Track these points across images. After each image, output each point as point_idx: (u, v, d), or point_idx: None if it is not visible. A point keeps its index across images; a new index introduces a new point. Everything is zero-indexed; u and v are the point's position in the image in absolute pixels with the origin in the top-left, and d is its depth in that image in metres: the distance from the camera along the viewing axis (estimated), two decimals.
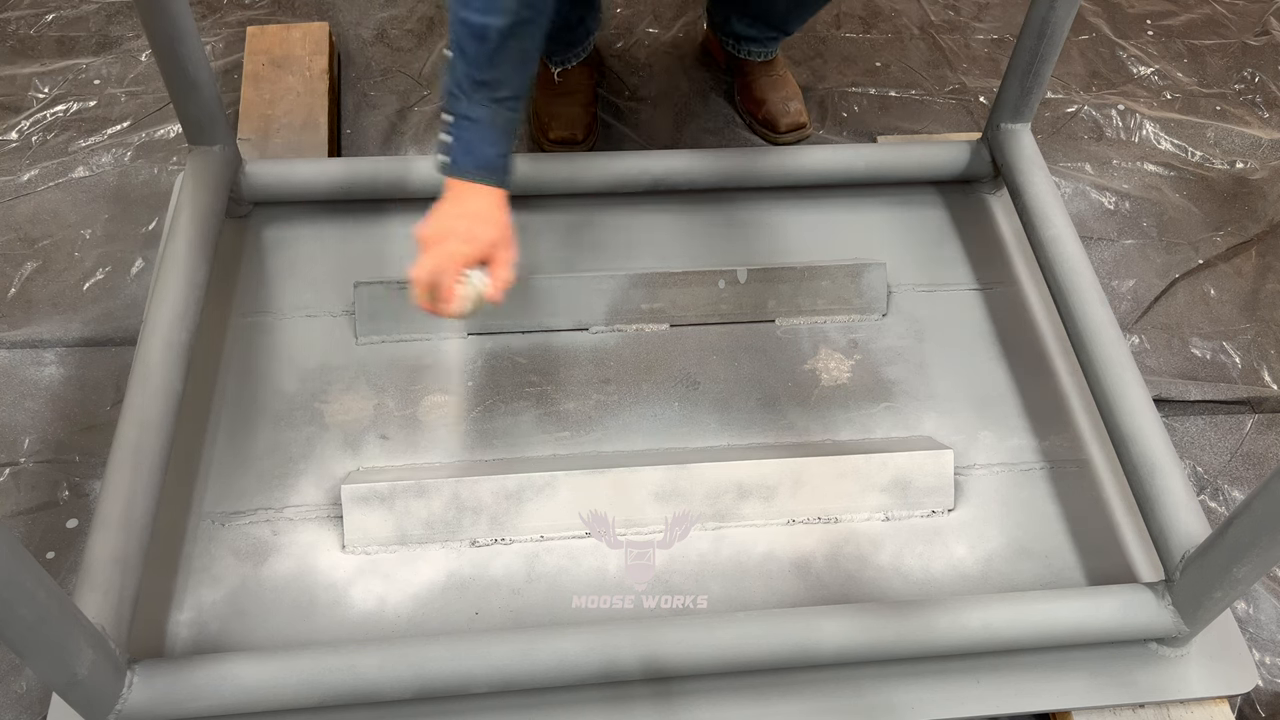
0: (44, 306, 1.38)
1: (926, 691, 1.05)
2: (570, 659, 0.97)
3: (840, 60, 1.79)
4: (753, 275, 1.33)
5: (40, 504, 1.21)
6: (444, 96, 1.03)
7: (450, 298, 1.02)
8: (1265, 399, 1.39)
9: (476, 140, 1.02)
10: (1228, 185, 1.64)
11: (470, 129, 1.02)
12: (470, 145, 1.02)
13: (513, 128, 1.05)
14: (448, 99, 1.02)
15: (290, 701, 0.95)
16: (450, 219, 1.03)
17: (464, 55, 0.99)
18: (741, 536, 1.15)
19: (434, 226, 1.03)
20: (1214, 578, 0.94)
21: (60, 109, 1.61)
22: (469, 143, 1.02)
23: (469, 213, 1.04)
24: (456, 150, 1.03)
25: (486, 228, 1.04)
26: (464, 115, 1.01)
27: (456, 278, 1.02)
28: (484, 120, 1.02)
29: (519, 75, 1.03)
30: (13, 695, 1.07)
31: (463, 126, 1.02)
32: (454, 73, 1.01)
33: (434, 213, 1.04)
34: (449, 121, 1.03)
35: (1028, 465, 1.23)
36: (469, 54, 0.99)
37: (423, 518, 1.12)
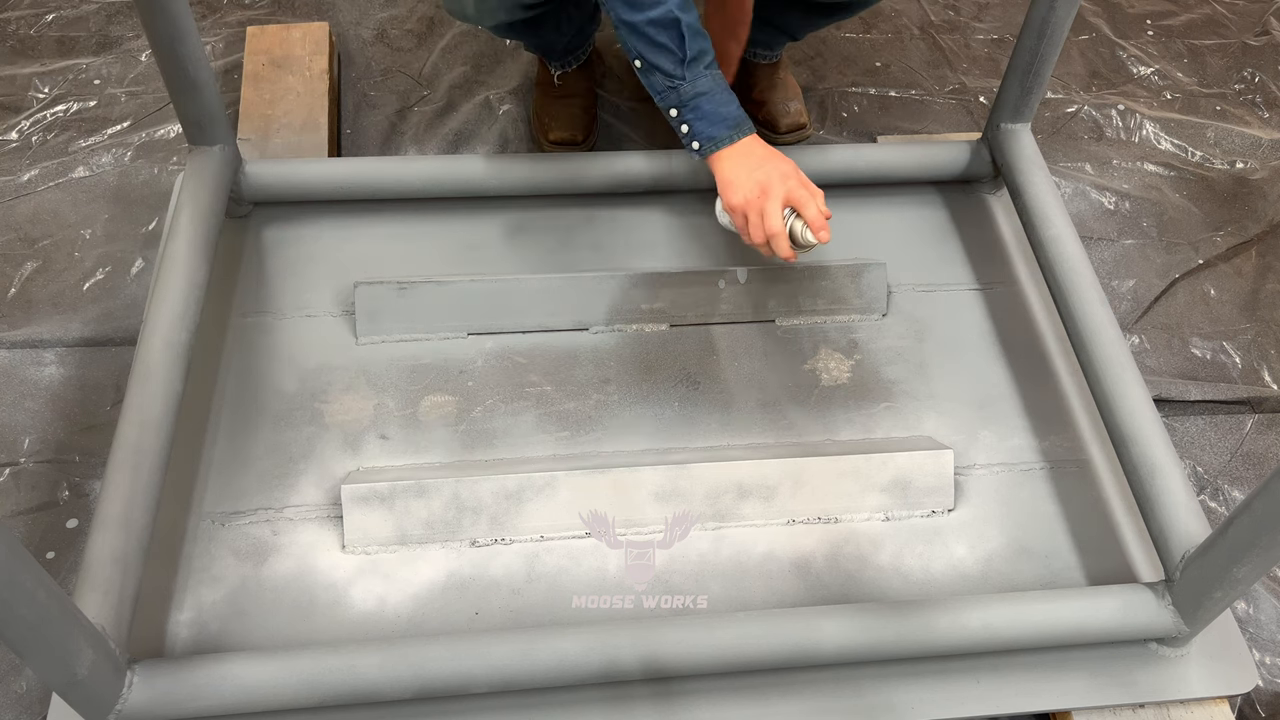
0: (44, 306, 1.38)
1: (926, 691, 1.05)
2: (570, 659, 0.97)
3: (840, 60, 1.79)
4: (753, 275, 1.33)
5: (40, 504, 1.21)
6: (662, 98, 1.12)
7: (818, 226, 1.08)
8: (1265, 399, 1.39)
9: (715, 108, 1.11)
10: (1228, 185, 1.64)
11: (705, 102, 1.10)
12: (714, 116, 1.11)
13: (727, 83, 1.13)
14: (667, 93, 1.11)
15: (290, 701, 0.95)
16: (746, 174, 1.10)
17: (662, 46, 1.08)
18: (741, 536, 1.15)
19: (742, 192, 1.10)
20: (1214, 578, 0.94)
21: (60, 109, 1.61)
22: (711, 114, 1.11)
23: (755, 164, 1.11)
24: (704, 126, 1.11)
25: (779, 168, 1.10)
26: (695, 94, 1.10)
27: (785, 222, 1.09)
28: (711, 89, 1.11)
29: (707, 39, 1.11)
30: (13, 695, 1.07)
31: (698, 104, 1.10)
32: (660, 70, 1.09)
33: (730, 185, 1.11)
34: (679, 114, 1.11)
35: (1028, 465, 1.23)
36: (670, 41, 1.07)
37: (423, 518, 1.12)
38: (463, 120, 1.64)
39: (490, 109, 1.66)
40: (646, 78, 1.12)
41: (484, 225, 1.41)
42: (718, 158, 1.12)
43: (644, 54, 1.10)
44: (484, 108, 1.66)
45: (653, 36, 1.08)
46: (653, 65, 1.10)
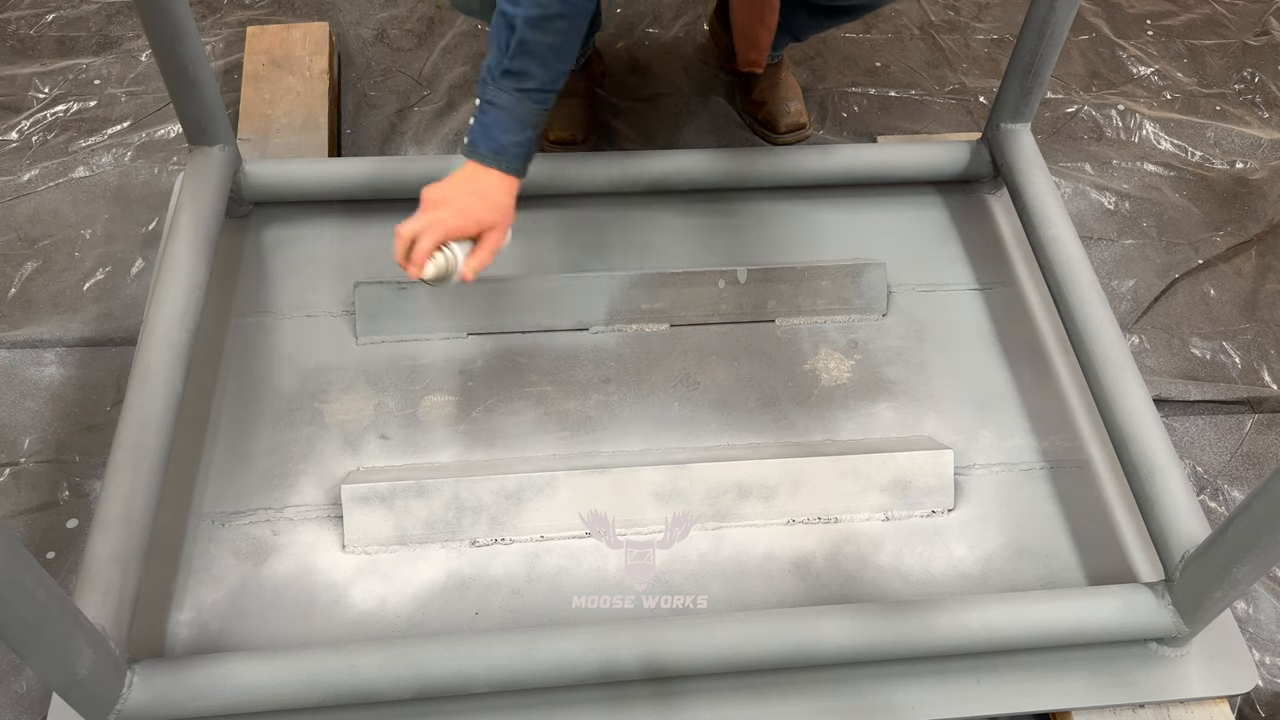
0: (44, 306, 1.38)
1: (926, 691, 1.05)
2: (570, 659, 0.97)
3: (840, 60, 1.79)
4: (753, 275, 1.33)
5: (40, 504, 1.21)
6: (479, 80, 1.07)
7: (421, 261, 1.04)
8: (1265, 399, 1.39)
9: (495, 126, 1.06)
10: (1228, 185, 1.64)
11: (492, 114, 1.06)
12: (489, 130, 1.06)
13: (535, 120, 1.08)
14: (479, 84, 1.07)
15: (290, 701, 0.95)
16: (453, 189, 1.07)
17: (495, 42, 1.04)
18: (741, 536, 1.15)
19: (437, 191, 1.07)
20: (1214, 578, 0.94)
21: (60, 109, 1.61)
22: (489, 127, 1.06)
23: (473, 190, 1.07)
24: (476, 132, 1.07)
25: (484, 208, 1.07)
26: (489, 100, 1.05)
27: (436, 244, 1.04)
28: (506, 107, 1.05)
29: (546, 69, 1.06)
30: (13, 695, 1.07)
31: (486, 111, 1.06)
32: (488, 59, 1.05)
33: (445, 181, 1.07)
34: (477, 105, 1.07)
35: (1028, 465, 1.23)
36: (499, 41, 1.03)
37: (423, 518, 1.12)
38: (463, 120, 1.64)
39: None
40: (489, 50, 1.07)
41: None
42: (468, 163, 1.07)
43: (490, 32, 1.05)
44: None
45: (495, 25, 1.03)
46: (488, 48, 1.05)
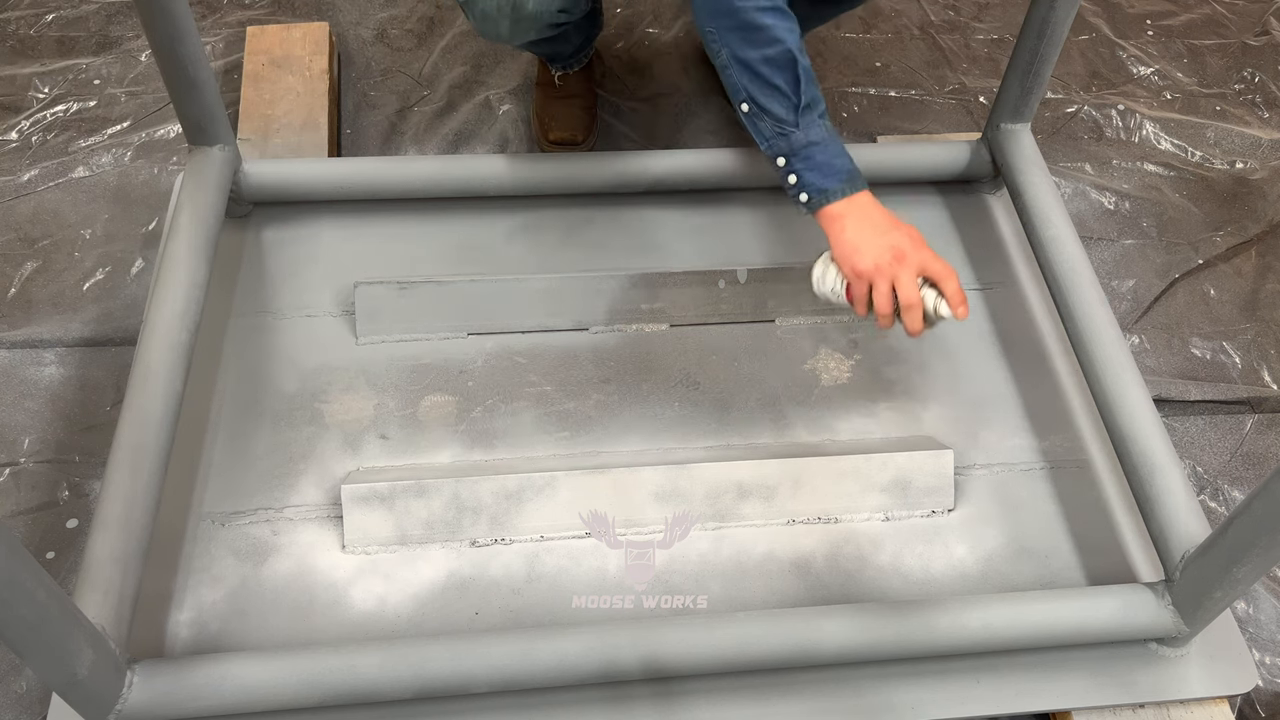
0: (44, 306, 1.38)
1: (926, 691, 1.05)
2: (570, 659, 0.97)
3: (840, 60, 1.79)
4: (753, 275, 1.33)
5: (40, 504, 1.21)
6: (770, 146, 1.04)
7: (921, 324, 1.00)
8: (1265, 399, 1.39)
9: (828, 159, 1.03)
10: (1228, 185, 1.64)
11: (818, 152, 1.02)
12: (826, 167, 1.02)
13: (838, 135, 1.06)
14: (775, 144, 1.03)
15: (290, 701, 0.95)
16: (879, 240, 1.00)
17: (772, 92, 1.01)
18: (741, 536, 1.15)
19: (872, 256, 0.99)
20: (1214, 578, 0.94)
21: (60, 109, 1.61)
22: (823, 165, 1.02)
23: (882, 224, 1.01)
24: (814, 179, 1.02)
25: (905, 228, 1.02)
26: (805, 145, 1.02)
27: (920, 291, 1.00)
28: (824, 138, 1.03)
29: (817, 85, 1.04)
30: (13, 695, 1.07)
31: (809, 157, 1.02)
32: (769, 116, 1.02)
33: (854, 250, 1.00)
34: (788, 163, 1.03)
35: (1028, 465, 1.23)
36: (777, 87, 1.01)
37: (423, 518, 1.12)
38: (463, 120, 1.64)
39: (490, 109, 1.66)
40: (753, 123, 1.04)
41: (484, 225, 1.41)
42: (832, 216, 1.02)
43: (755, 96, 1.02)
44: (484, 108, 1.66)
45: (767, 77, 1.01)
46: (763, 109, 1.02)
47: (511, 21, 1.19)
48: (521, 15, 1.18)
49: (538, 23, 1.21)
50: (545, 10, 1.19)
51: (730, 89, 1.05)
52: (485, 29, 1.22)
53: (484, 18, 1.19)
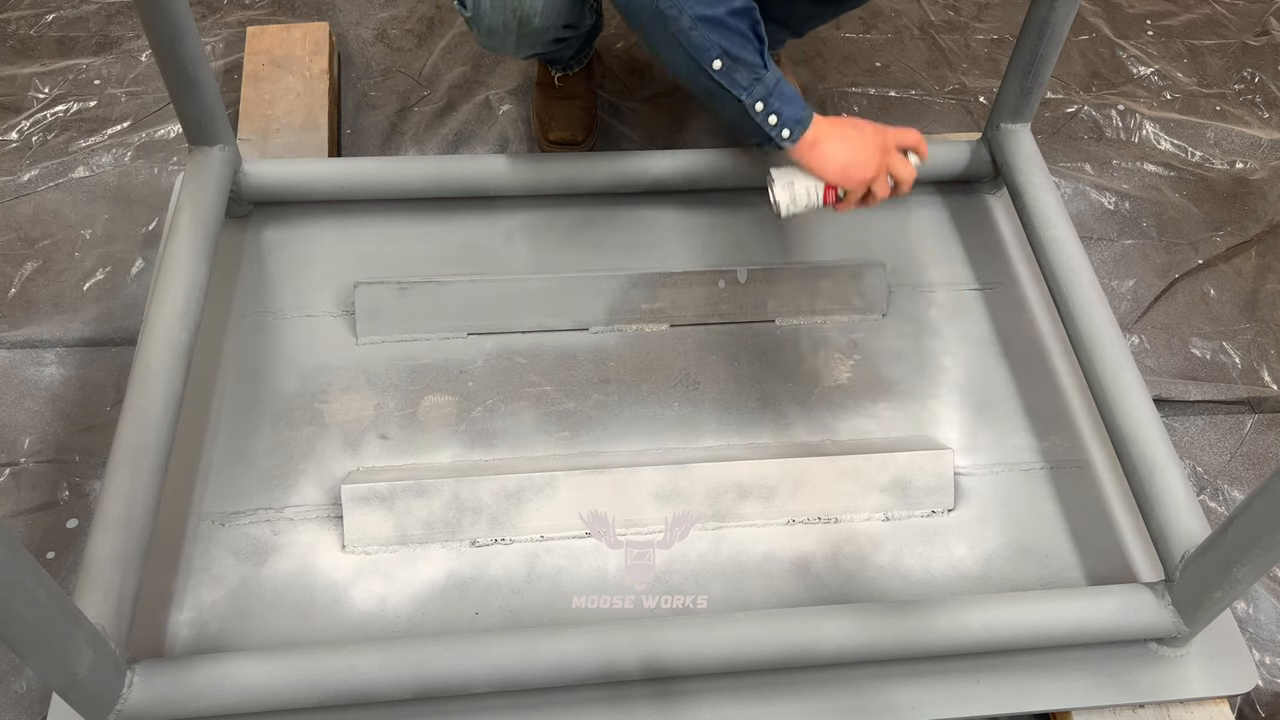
0: (44, 306, 1.38)
1: (926, 691, 1.05)
2: (570, 659, 0.97)
3: (840, 60, 1.79)
4: (753, 275, 1.33)
5: (40, 504, 1.21)
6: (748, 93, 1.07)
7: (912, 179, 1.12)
8: (1265, 399, 1.39)
9: (788, 89, 1.08)
10: (1228, 185, 1.64)
11: (785, 86, 1.08)
12: (793, 98, 1.08)
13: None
14: (753, 90, 1.07)
15: (290, 701, 0.95)
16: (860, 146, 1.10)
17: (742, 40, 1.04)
18: (741, 536, 1.15)
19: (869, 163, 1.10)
20: (1214, 578, 0.94)
21: (60, 109, 1.61)
22: (791, 97, 1.08)
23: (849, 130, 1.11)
24: (791, 111, 1.08)
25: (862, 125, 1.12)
26: (776, 82, 1.07)
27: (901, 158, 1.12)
28: (779, 73, 1.08)
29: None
30: (13, 695, 1.07)
31: (781, 93, 1.07)
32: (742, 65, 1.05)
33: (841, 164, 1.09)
34: (766, 104, 1.07)
35: (1028, 465, 1.23)
36: (744, 34, 1.04)
37: (423, 518, 1.12)
38: (463, 120, 1.64)
39: (490, 109, 1.66)
40: (728, 76, 1.05)
41: (484, 225, 1.41)
42: (810, 142, 1.09)
43: (727, 48, 1.04)
44: (484, 108, 1.66)
45: (734, 26, 1.03)
46: (736, 59, 1.04)
47: (518, 37, 1.20)
48: (527, 31, 1.18)
49: (543, 37, 1.21)
50: (551, 26, 1.19)
51: (694, 50, 1.04)
52: (491, 43, 1.22)
53: (490, 33, 1.19)
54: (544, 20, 1.17)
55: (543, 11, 1.16)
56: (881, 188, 1.12)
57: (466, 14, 1.19)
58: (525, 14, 1.16)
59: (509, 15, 1.16)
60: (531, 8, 1.15)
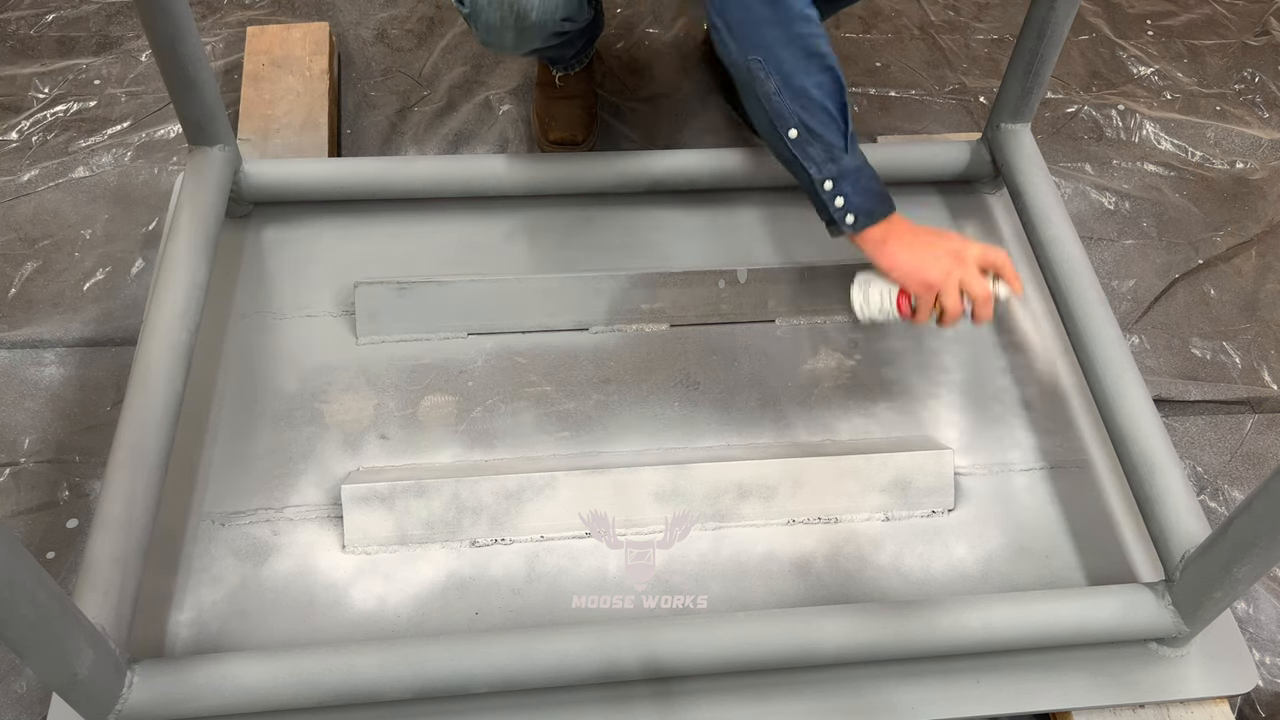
0: (44, 306, 1.38)
1: (926, 691, 1.05)
2: (570, 659, 0.97)
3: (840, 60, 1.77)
4: (753, 275, 1.33)
5: (40, 504, 1.21)
6: (819, 169, 1.05)
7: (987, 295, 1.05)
8: (1265, 399, 1.39)
9: (870, 181, 1.06)
10: (1228, 185, 1.64)
11: (865, 176, 1.06)
12: (869, 190, 1.05)
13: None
14: (825, 168, 1.04)
15: (290, 701, 0.95)
16: (934, 250, 1.06)
17: (827, 117, 1.03)
18: (741, 536, 1.15)
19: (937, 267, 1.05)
20: (1214, 578, 0.94)
21: (60, 109, 1.61)
22: (868, 189, 1.05)
23: (927, 237, 1.07)
24: (860, 202, 1.05)
25: (944, 235, 1.08)
26: (856, 168, 1.05)
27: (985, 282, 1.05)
28: (865, 162, 1.06)
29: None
30: (13, 695, 1.07)
31: (857, 180, 1.05)
32: (820, 142, 1.03)
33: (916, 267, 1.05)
34: (835, 186, 1.05)
35: (1028, 465, 1.23)
36: (832, 112, 1.03)
37: (423, 518, 1.12)
38: (463, 120, 1.64)
39: (490, 109, 1.66)
40: (802, 148, 1.04)
41: (484, 225, 1.41)
42: (878, 238, 1.06)
43: (807, 122, 1.02)
44: (484, 108, 1.66)
45: (820, 102, 1.02)
46: (814, 134, 1.03)
47: (516, 32, 1.19)
48: (525, 26, 1.18)
49: (542, 32, 1.21)
50: (549, 20, 1.19)
51: (775, 116, 1.04)
52: (490, 39, 1.22)
53: (488, 29, 1.19)
54: (541, 14, 1.17)
55: (539, 6, 1.16)
56: (952, 301, 1.04)
57: (464, 10, 1.19)
58: (522, 8, 1.16)
59: (506, 10, 1.16)
60: (528, 2, 1.15)
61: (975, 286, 1.04)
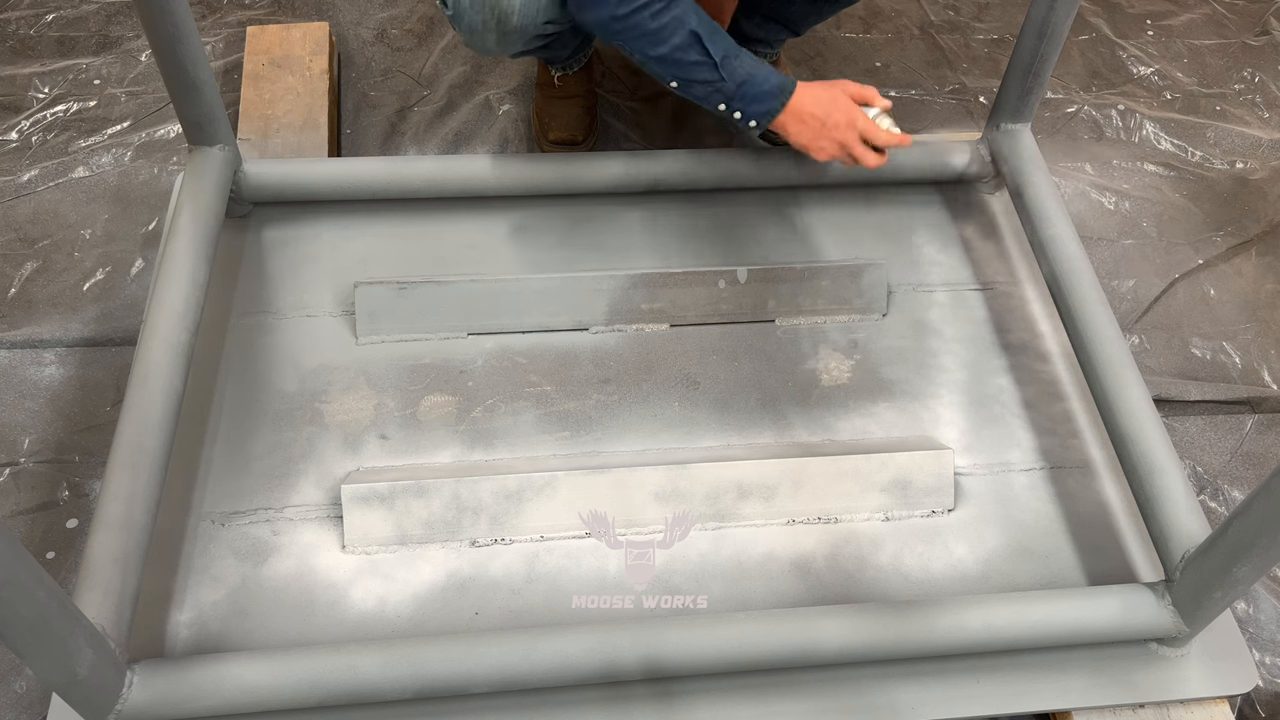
0: (44, 306, 1.38)
1: (926, 691, 1.05)
2: (570, 659, 0.97)
3: (840, 60, 1.79)
4: (753, 275, 1.33)
5: (40, 504, 1.21)
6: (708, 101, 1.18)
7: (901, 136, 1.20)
8: (1265, 399, 1.39)
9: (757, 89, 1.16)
10: (1228, 185, 1.64)
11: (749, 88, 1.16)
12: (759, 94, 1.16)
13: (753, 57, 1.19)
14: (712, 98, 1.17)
15: (290, 701, 0.95)
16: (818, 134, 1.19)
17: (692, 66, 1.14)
18: (741, 536, 1.15)
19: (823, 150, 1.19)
20: (1214, 578, 0.94)
21: (60, 109, 1.61)
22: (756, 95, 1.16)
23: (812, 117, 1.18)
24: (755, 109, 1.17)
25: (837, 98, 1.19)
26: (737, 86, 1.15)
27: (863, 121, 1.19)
28: (749, 72, 1.16)
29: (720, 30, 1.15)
30: (13, 695, 1.07)
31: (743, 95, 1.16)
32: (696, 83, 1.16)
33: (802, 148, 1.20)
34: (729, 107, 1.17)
35: (1028, 465, 1.23)
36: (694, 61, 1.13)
37: (423, 518, 1.12)
38: (463, 120, 1.64)
39: (490, 109, 1.66)
40: (687, 91, 1.17)
41: (484, 225, 1.41)
42: (782, 126, 1.19)
43: (680, 76, 1.15)
44: (484, 108, 1.66)
45: (682, 59, 1.13)
46: (690, 81, 1.16)
47: (498, 35, 1.20)
48: (507, 29, 1.19)
49: (524, 35, 1.21)
50: (531, 24, 1.19)
51: (655, 76, 1.18)
52: (473, 42, 1.22)
53: (471, 31, 1.20)
54: (522, 18, 1.17)
55: (520, 9, 1.16)
56: (860, 155, 1.19)
57: (448, 13, 1.20)
58: (503, 11, 1.16)
59: (487, 13, 1.16)
60: (509, 5, 1.15)
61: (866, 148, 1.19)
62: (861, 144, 1.19)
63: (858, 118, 1.18)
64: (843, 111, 1.18)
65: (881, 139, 1.19)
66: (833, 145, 1.19)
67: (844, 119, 1.18)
